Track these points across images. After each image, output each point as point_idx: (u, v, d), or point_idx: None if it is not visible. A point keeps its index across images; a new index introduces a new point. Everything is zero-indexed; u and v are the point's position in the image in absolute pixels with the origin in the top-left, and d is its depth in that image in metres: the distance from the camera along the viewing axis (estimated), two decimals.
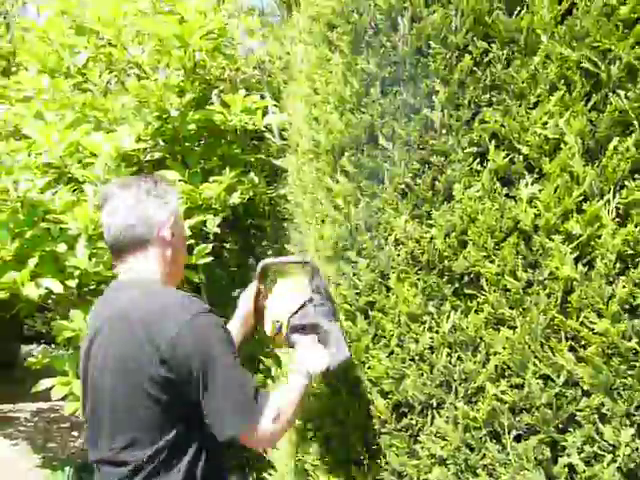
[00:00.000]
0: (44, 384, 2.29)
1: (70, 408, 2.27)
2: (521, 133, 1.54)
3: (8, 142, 2.44)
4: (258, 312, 1.72)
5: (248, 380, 1.34)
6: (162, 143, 2.76)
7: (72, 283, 2.23)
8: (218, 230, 2.52)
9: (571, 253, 1.45)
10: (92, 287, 2.48)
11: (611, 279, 1.42)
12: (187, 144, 2.76)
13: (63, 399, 2.43)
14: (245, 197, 2.85)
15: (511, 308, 1.52)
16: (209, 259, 2.51)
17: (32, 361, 2.36)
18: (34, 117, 2.43)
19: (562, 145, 1.49)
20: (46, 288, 2.15)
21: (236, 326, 1.70)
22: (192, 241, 2.48)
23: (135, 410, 1.25)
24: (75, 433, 3.94)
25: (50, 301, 2.70)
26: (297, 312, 1.55)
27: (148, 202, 1.38)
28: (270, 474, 2.20)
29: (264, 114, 2.93)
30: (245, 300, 1.75)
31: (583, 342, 1.44)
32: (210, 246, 2.51)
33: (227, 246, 3.81)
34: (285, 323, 1.56)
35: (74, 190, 2.33)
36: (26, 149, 2.37)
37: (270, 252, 3.60)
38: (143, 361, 1.23)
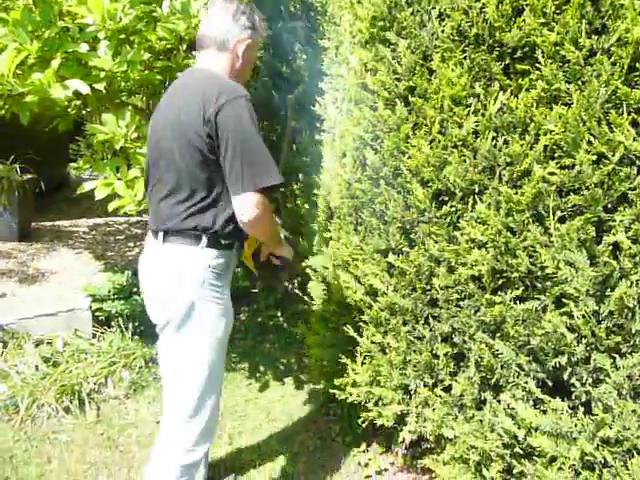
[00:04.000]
0: (87, 186, 2.34)
1: (113, 205, 2.34)
2: None
3: None
4: None
5: (264, 160, 1.50)
6: None
7: (100, 86, 2.15)
8: None
9: None
10: (123, 91, 2.42)
11: None
12: None
13: (115, 213, 2.53)
14: None
15: (568, 82, 1.37)
16: None
17: (83, 186, 2.39)
18: None
19: None
20: (74, 92, 2.09)
21: None
22: None
23: (183, 158, 1.50)
24: (131, 244, 4.22)
25: (84, 113, 2.67)
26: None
27: (240, 22, 1.61)
28: (312, 269, 2.31)
29: None
30: None
31: None
32: None
33: (259, 54, 3.58)
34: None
35: None
36: None
37: (304, 56, 3.37)
38: (193, 115, 1.46)
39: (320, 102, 2.38)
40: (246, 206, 1.48)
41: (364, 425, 2.08)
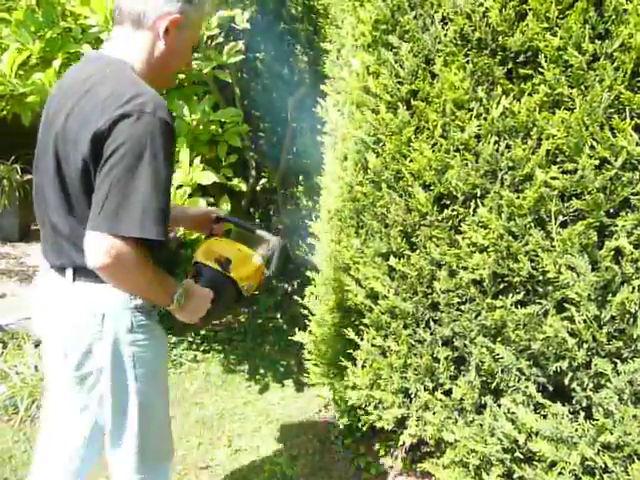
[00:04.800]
0: None
1: None
2: None
3: None
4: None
5: (144, 202, 1.13)
6: None
7: None
8: (248, 25, 2.32)
9: None
10: None
11: None
12: None
13: None
14: None
15: (571, 87, 1.37)
16: (240, 57, 2.35)
17: None
18: None
19: None
20: None
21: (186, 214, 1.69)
22: (221, 39, 2.31)
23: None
24: None
25: None
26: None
27: None
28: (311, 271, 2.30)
29: None
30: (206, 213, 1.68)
31: None
32: (240, 43, 2.34)
33: (260, 56, 3.58)
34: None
35: None
36: None
37: (305, 59, 3.38)
38: (82, 134, 1.14)
39: (321, 105, 2.38)
40: (92, 248, 1.13)
41: (364, 428, 2.08)
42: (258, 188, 3.43)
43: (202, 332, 3.08)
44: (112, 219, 1.11)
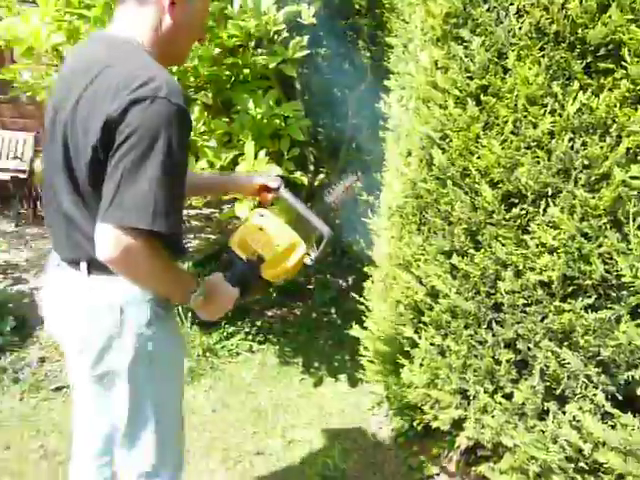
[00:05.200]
0: None
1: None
2: None
3: None
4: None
5: (157, 192, 1.04)
6: None
7: None
8: (314, 20, 2.33)
9: None
10: (191, 87, 2.48)
11: None
12: None
13: None
14: None
15: None
16: (304, 52, 2.36)
17: None
18: None
19: None
20: None
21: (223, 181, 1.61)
22: (286, 34, 2.33)
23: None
24: (190, 236, 4.35)
25: None
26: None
27: None
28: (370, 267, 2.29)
29: None
30: (257, 180, 1.55)
31: None
32: (305, 39, 2.35)
33: (321, 51, 3.59)
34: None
35: None
36: None
37: (368, 54, 3.36)
38: (93, 122, 1.07)
39: (384, 100, 2.36)
40: (102, 241, 1.06)
41: (418, 428, 2.06)
42: (316, 183, 3.44)
43: (258, 323, 3.13)
44: (122, 211, 1.04)
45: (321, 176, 3.53)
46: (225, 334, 2.98)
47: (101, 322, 1.18)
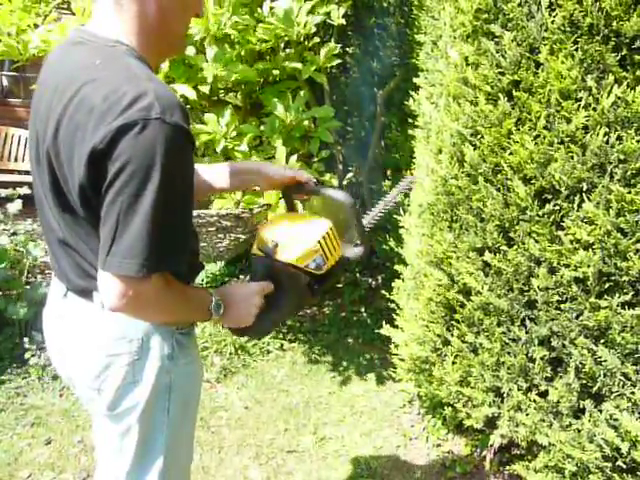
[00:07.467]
0: None
1: (216, 205, 2.50)
2: None
3: None
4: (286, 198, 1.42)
5: (158, 232, 0.92)
6: None
7: (205, 89, 2.25)
8: (343, 21, 2.34)
9: None
10: (221, 89, 2.52)
11: None
12: None
13: (206, 207, 2.66)
14: None
15: None
16: (337, 61, 2.38)
17: None
18: None
19: None
20: (181, 96, 2.20)
21: (244, 170, 1.37)
22: (317, 39, 2.35)
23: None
24: (221, 235, 4.40)
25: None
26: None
27: None
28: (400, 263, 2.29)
29: None
30: (288, 172, 1.36)
31: None
32: (338, 47, 2.36)
33: (349, 51, 3.60)
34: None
35: None
36: None
37: (396, 52, 3.36)
38: (77, 154, 0.94)
39: (414, 98, 2.36)
40: (106, 291, 0.96)
41: (451, 426, 2.05)
42: (345, 182, 3.46)
43: (288, 322, 3.16)
44: (121, 257, 0.91)
45: (349, 175, 3.54)
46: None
47: (119, 358, 1.08)
